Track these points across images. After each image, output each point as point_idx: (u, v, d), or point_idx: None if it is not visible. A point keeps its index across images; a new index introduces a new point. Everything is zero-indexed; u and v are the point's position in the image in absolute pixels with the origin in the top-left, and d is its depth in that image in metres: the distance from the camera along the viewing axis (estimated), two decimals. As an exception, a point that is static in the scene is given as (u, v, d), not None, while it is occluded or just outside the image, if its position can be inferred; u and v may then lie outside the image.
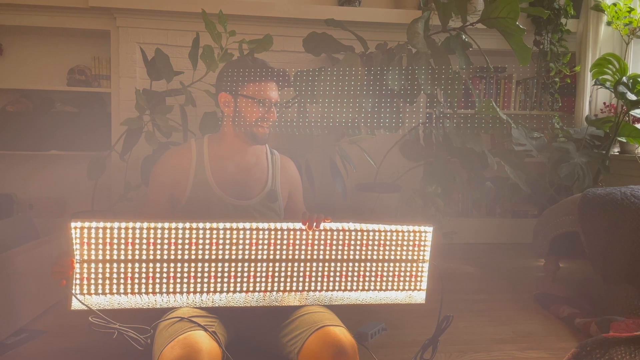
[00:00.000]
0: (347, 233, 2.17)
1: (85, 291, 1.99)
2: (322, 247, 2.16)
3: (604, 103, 5.14)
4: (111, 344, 2.84)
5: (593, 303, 3.39)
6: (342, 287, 2.20)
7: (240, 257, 2.07)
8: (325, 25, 4.13)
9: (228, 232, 2.05)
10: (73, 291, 1.98)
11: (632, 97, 4.44)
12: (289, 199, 2.76)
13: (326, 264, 2.17)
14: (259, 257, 2.09)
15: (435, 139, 4.20)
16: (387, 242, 2.22)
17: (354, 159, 4.10)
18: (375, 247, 2.21)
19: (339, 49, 4.04)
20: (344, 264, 2.19)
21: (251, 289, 2.10)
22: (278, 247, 2.11)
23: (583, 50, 5.16)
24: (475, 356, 2.75)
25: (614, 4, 4.92)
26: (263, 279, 2.11)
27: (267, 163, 2.67)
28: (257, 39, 3.86)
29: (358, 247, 2.19)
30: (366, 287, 2.22)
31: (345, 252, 2.18)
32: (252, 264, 2.09)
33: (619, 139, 4.73)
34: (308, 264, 2.15)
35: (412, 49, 3.88)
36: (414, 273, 2.24)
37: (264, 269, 2.10)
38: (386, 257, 2.22)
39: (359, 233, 2.19)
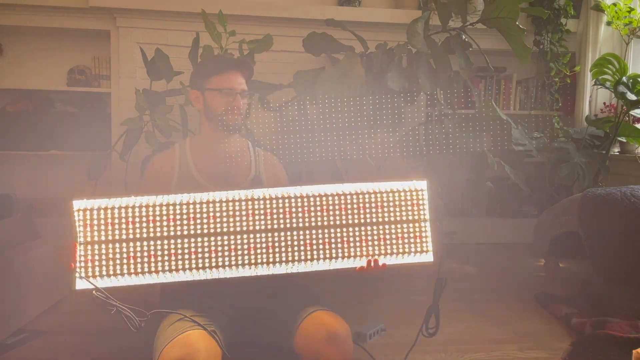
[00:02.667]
0: (342, 197, 2.15)
1: (90, 273, 1.98)
2: (319, 214, 2.13)
3: (604, 103, 5.14)
4: (112, 344, 2.86)
5: (592, 303, 3.39)
6: (346, 254, 2.14)
7: (238, 229, 2.06)
8: (325, 25, 4.13)
9: (225, 204, 2.06)
10: (77, 273, 1.96)
11: (632, 97, 4.43)
12: None
13: (325, 231, 2.13)
14: (257, 227, 2.08)
15: (435, 139, 4.21)
16: (384, 204, 2.19)
17: (354, 159, 4.10)
18: (373, 210, 2.18)
19: (339, 49, 4.04)
20: (344, 230, 2.15)
21: (252, 261, 2.07)
22: (275, 216, 2.10)
23: (583, 50, 5.16)
24: (475, 356, 2.75)
25: (614, 4, 4.92)
26: (264, 250, 2.08)
27: (250, 154, 2.70)
28: (257, 39, 3.87)
29: (355, 211, 2.16)
30: (371, 253, 2.16)
31: (344, 217, 2.15)
32: (251, 235, 2.07)
33: (619, 139, 4.73)
34: (308, 232, 2.12)
35: (412, 49, 3.88)
36: (417, 234, 2.19)
37: (263, 239, 2.08)
38: (385, 220, 2.18)
39: (354, 196, 2.17)
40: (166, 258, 2.01)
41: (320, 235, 2.12)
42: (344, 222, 2.14)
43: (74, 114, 4.94)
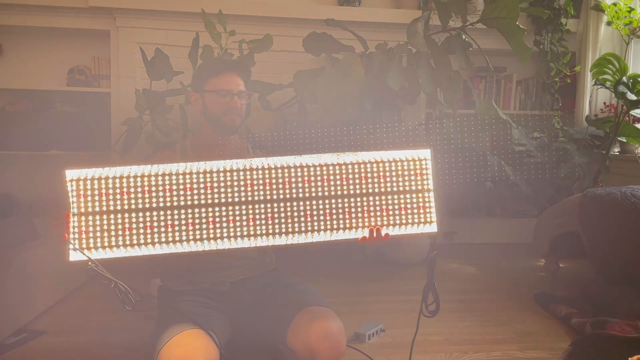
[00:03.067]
0: (343, 167, 2.12)
1: (84, 245, 1.95)
2: (319, 184, 2.10)
3: (604, 103, 5.14)
4: (112, 344, 2.86)
5: (592, 303, 3.39)
6: (348, 225, 2.11)
7: (236, 199, 2.04)
8: (325, 25, 4.14)
9: (222, 174, 2.04)
10: (72, 245, 1.94)
11: (632, 97, 4.43)
12: None
13: (327, 201, 2.10)
14: (256, 198, 2.05)
15: (435, 138, 4.21)
16: (387, 173, 2.15)
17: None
18: (375, 180, 2.14)
19: (339, 49, 4.04)
20: (345, 200, 2.11)
21: (252, 232, 2.04)
22: (274, 187, 2.07)
23: (583, 50, 5.16)
24: (475, 356, 2.75)
25: (614, 4, 4.92)
26: (263, 222, 2.05)
27: (250, 154, 2.72)
28: (257, 38, 3.87)
29: (357, 181, 2.13)
30: (373, 224, 2.12)
31: (345, 187, 2.12)
32: (250, 206, 2.04)
33: (619, 139, 4.73)
34: (308, 203, 2.09)
35: (412, 48, 3.89)
36: (420, 204, 2.15)
37: (262, 210, 2.05)
38: (388, 190, 2.14)
39: (355, 166, 2.13)
40: (162, 229, 1.98)
41: (321, 206, 2.09)
42: (345, 192, 2.11)
43: (74, 114, 4.93)
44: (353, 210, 2.11)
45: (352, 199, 2.11)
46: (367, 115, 3.83)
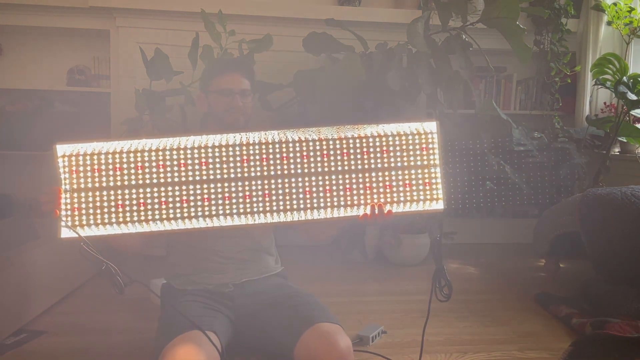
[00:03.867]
0: (344, 142, 2.07)
1: (77, 222, 1.94)
2: (319, 159, 2.06)
3: (605, 103, 5.14)
4: (112, 344, 2.86)
5: (593, 304, 3.40)
6: (349, 202, 2.06)
7: (232, 175, 2.01)
8: (325, 25, 4.14)
9: (217, 150, 2.01)
10: (63, 221, 1.93)
11: (632, 97, 4.43)
12: None
13: (327, 177, 2.05)
14: (252, 174, 2.03)
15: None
16: (391, 148, 2.08)
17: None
18: (378, 155, 2.08)
19: (339, 49, 4.05)
20: (346, 176, 2.06)
21: (249, 210, 2.02)
22: (272, 162, 2.03)
23: (583, 50, 5.16)
24: (475, 356, 2.75)
25: (614, 4, 4.92)
26: (260, 198, 2.02)
27: None
28: (257, 38, 3.88)
29: (359, 156, 2.07)
30: (375, 200, 2.07)
31: (346, 163, 2.07)
32: (247, 182, 2.02)
33: (620, 139, 4.73)
34: (307, 179, 2.05)
35: (412, 48, 3.89)
36: (426, 180, 2.09)
37: (259, 187, 2.02)
38: (392, 165, 2.08)
39: (357, 140, 2.07)
40: (156, 207, 1.97)
41: (320, 183, 2.05)
42: (346, 168, 2.06)
43: (74, 114, 4.95)
44: (354, 186, 2.07)
45: (353, 175, 2.07)
46: (367, 115, 3.83)
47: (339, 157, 2.06)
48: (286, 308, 2.34)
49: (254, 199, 2.02)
